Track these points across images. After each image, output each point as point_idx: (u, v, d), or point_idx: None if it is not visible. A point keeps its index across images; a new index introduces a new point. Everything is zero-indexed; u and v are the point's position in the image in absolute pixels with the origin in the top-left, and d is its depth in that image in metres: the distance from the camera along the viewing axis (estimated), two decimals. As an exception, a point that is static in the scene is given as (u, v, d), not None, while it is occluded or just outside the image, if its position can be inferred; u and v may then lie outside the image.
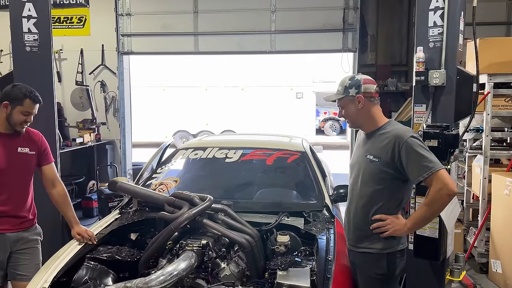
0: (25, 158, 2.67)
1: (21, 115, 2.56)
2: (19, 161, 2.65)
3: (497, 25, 6.51)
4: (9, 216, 2.63)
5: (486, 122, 4.04)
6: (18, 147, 2.65)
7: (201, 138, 4.40)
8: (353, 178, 2.37)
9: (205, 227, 2.44)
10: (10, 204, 2.63)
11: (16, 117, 2.56)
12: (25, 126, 2.64)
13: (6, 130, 2.62)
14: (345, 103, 2.29)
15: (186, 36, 6.96)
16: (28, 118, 2.60)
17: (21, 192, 2.69)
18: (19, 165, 2.65)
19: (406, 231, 2.24)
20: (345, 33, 6.71)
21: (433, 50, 2.94)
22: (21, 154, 2.65)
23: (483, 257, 4.11)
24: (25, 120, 2.59)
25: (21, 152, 2.65)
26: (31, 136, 2.74)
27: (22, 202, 2.70)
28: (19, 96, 2.55)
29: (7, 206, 2.61)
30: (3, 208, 2.60)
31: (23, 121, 2.59)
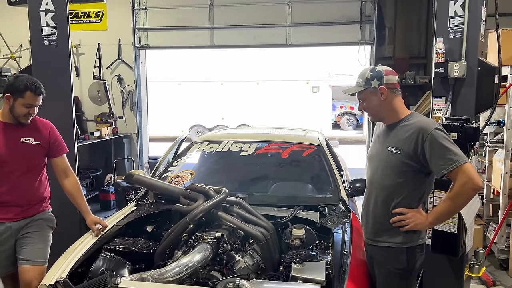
0: (28, 148, 2.64)
1: (23, 107, 2.54)
2: (22, 151, 2.63)
3: (520, 16, 6.31)
4: (12, 206, 2.64)
5: (508, 116, 3.93)
6: (22, 137, 2.62)
7: (216, 132, 4.40)
8: (372, 170, 2.32)
9: (220, 219, 2.45)
10: (13, 194, 2.62)
11: (19, 109, 2.55)
12: (29, 118, 2.62)
13: (10, 120, 2.62)
14: (367, 96, 2.23)
15: (202, 30, 6.96)
16: (31, 110, 2.58)
17: (26, 182, 2.67)
18: (22, 155, 2.63)
19: (427, 226, 2.21)
20: (362, 25, 6.62)
21: (453, 41, 2.86)
22: (24, 144, 2.63)
23: (503, 253, 4.03)
24: (28, 112, 2.57)
25: (24, 142, 2.63)
26: (38, 127, 2.72)
27: (27, 192, 2.68)
28: (20, 88, 2.52)
29: (10, 195, 2.62)
30: (6, 198, 2.61)
31: (26, 113, 2.57)
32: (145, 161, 7.28)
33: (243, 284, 1.88)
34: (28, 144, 2.65)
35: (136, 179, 3.00)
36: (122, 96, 7.12)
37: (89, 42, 7.07)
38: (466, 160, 2.05)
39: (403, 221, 2.17)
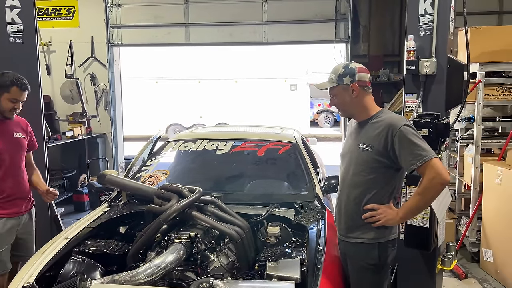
0: (20, 142, 2.81)
1: (9, 102, 2.66)
2: (16, 145, 2.78)
3: (489, 15, 6.50)
4: (18, 199, 2.79)
5: (477, 112, 4.03)
6: (13, 132, 2.78)
7: (192, 130, 4.37)
8: (344, 167, 2.34)
9: (194, 219, 2.42)
10: (17, 187, 2.79)
11: (5, 104, 2.66)
12: (14, 113, 2.75)
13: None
14: (338, 92, 2.24)
15: (177, 27, 6.88)
16: (16, 105, 2.70)
17: (23, 176, 2.85)
18: (18, 149, 2.79)
19: (398, 221, 2.23)
20: (337, 23, 6.67)
21: (424, 39, 2.91)
22: (17, 138, 2.80)
23: (475, 246, 4.13)
24: (13, 107, 2.69)
25: (16, 136, 2.79)
26: (20, 122, 2.88)
27: (25, 185, 2.87)
28: (6, 83, 2.64)
29: (15, 189, 2.77)
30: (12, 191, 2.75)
31: (12, 108, 2.70)
32: (120, 161, 7.15)
33: (217, 284, 1.86)
34: (20, 138, 2.82)
35: (108, 180, 2.94)
36: (96, 95, 6.97)
37: (61, 39, 6.88)
38: (434, 155, 2.08)
39: (374, 217, 2.19)
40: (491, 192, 3.85)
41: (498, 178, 3.70)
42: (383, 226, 2.21)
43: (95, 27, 6.91)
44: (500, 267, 3.73)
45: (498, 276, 3.75)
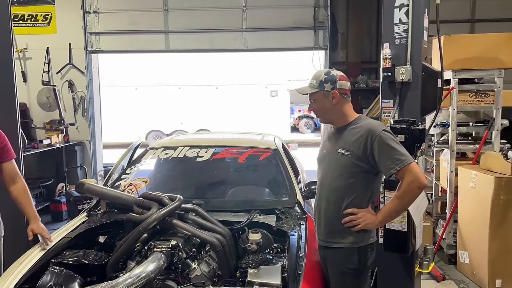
0: None
1: None
2: None
3: (461, 23, 6.71)
4: None
5: (452, 117, 4.14)
6: None
7: (172, 137, 4.34)
8: (322, 172, 2.36)
9: (175, 227, 2.41)
10: None
11: None
12: None
13: None
14: (319, 98, 2.28)
15: (156, 34, 6.86)
16: None
17: None
18: None
19: (377, 224, 2.27)
20: (316, 31, 6.77)
21: (399, 47, 2.98)
22: None
23: (452, 248, 4.23)
24: None
25: None
26: None
27: None
28: None
29: None
30: None
31: None
32: (99, 169, 7.05)
33: (198, 292, 1.86)
34: None
35: (87, 188, 2.90)
36: (74, 102, 6.87)
37: (37, 46, 6.77)
38: (412, 160, 2.14)
39: (354, 221, 2.22)
40: (466, 195, 3.96)
41: (472, 181, 3.81)
42: (362, 230, 2.24)
43: (72, 34, 6.83)
44: (475, 269, 3.83)
45: (474, 278, 3.84)
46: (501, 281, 3.61)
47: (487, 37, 4.09)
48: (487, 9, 6.72)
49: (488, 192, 3.56)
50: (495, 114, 4.10)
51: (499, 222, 3.56)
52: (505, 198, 3.52)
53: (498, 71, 4.02)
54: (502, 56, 3.97)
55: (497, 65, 4.00)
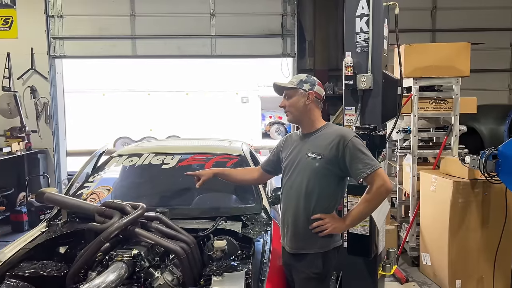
0: None
1: None
2: None
3: (423, 32, 6.97)
4: None
5: (413, 123, 4.28)
6: None
7: (137, 144, 4.27)
8: (290, 178, 2.38)
9: (138, 236, 2.37)
10: None
11: None
12: None
13: None
14: (295, 94, 2.33)
15: (123, 40, 6.77)
16: None
17: None
18: None
19: (345, 228, 2.32)
20: (284, 38, 6.86)
21: (361, 55, 3.07)
22: None
23: (414, 251, 4.34)
24: None
25: None
26: None
27: None
28: None
29: None
30: None
31: None
32: (63, 178, 6.84)
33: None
34: None
35: (47, 198, 2.80)
36: (36, 109, 6.66)
37: (-3, 50, 6.55)
38: (380, 166, 2.22)
39: (322, 226, 2.25)
40: (427, 199, 4.09)
41: (433, 185, 3.94)
42: (328, 235, 2.27)
43: (35, 38, 6.64)
44: (437, 270, 3.95)
45: (436, 279, 3.96)
46: (460, 282, 3.73)
47: (445, 47, 4.26)
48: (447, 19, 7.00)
49: (447, 196, 3.69)
50: (454, 120, 4.27)
51: (457, 225, 3.69)
52: (463, 201, 3.66)
53: (456, 79, 4.19)
54: (459, 65, 4.15)
55: (454, 73, 4.17)
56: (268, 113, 17.49)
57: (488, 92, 6.56)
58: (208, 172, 2.66)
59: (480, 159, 3.27)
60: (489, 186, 3.60)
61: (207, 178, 2.62)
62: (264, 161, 2.68)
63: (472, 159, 3.41)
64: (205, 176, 2.62)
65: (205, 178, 2.61)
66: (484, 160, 3.23)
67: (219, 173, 2.69)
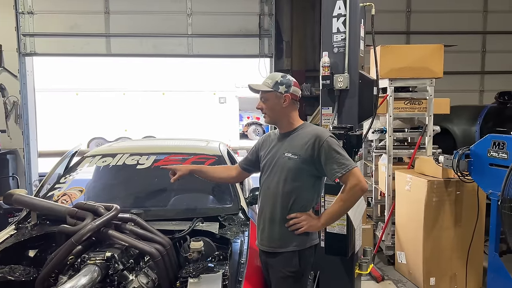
0: None
1: None
2: None
3: (398, 34, 7.10)
4: None
5: (388, 124, 4.33)
6: None
7: (111, 144, 4.17)
8: (268, 177, 2.37)
9: (111, 238, 2.31)
10: None
11: None
12: None
13: None
14: (271, 97, 2.31)
15: (97, 38, 6.62)
16: None
17: None
18: None
19: (320, 227, 2.32)
20: (261, 38, 6.86)
21: (337, 55, 3.09)
22: None
23: (390, 249, 4.40)
24: None
25: None
26: None
27: None
28: None
29: None
30: None
31: None
32: (34, 179, 6.63)
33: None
34: None
35: (16, 199, 2.70)
36: (5, 108, 6.43)
37: (-37, 47, 6.29)
38: (355, 165, 2.23)
39: (297, 224, 2.25)
40: (402, 198, 4.15)
41: (408, 185, 4.00)
42: (304, 234, 2.27)
43: (4, 35, 6.42)
44: (412, 268, 4.01)
45: (411, 277, 4.02)
46: (434, 279, 3.80)
47: (420, 48, 4.33)
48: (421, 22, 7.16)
49: (422, 195, 3.75)
50: (428, 120, 4.35)
51: (432, 224, 3.76)
52: (437, 200, 3.72)
53: (430, 80, 4.27)
54: (433, 66, 4.23)
55: (428, 74, 4.25)
56: (246, 114, 17.47)
57: (460, 93, 6.75)
58: (184, 167, 2.59)
59: (454, 158, 3.34)
60: (462, 185, 3.68)
61: (183, 174, 2.53)
62: (243, 159, 2.65)
63: (446, 158, 3.47)
64: (181, 171, 2.53)
65: (181, 173, 2.52)
66: (457, 160, 3.30)
67: (196, 170, 2.62)
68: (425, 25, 7.12)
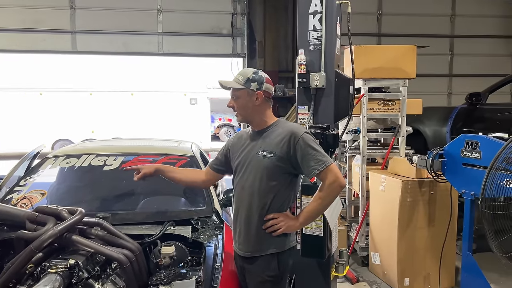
0: None
1: None
2: None
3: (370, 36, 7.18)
4: None
5: (362, 124, 4.33)
6: None
7: (76, 144, 3.96)
8: (242, 178, 2.26)
9: (75, 244, 2.16)
10: None
11: None
12: None
13: None
14: (243, 95, 2.20)
15: (62, 34, 6.36)
16: None
17: None
18: None
19: (298, 226, 2.24)
20: (234, 38, 6.79)
21: (314, 53, 3.04)
22: None
23: (364, 250, 4.39)
24: None
25: None
26: None
27: None
28: None
29: None
30: None
31: None
32: (-8, 182, 6.26)
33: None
34: None
35: (-32, 204, 2.49)
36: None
37: None
38: (332, 161, 2.17)
39: (275, 225, 2.16)
40: (377, 198, 4.14)
41: (382, 185, 4.00)
42: (282, 235, 2.19)
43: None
44: (386, 269, 4.00)
45: (385, 278, 4.02)
46: (408, 280, 3.81)
47: (393, 49, 4.35)
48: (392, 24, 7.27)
49: (396, 195, 3.75)
50: (401, 121, 4.37)
51: (406, 224, 3.76)
52: (411, 200, 3.73)
53: (403, 81, 4.30)
54: (406, 67, 4.25)
55: (401, 75, 4.27)
56: (217, 115, 17.33)
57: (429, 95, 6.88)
58: (150, 166, 2.45)
59: (427, 158, 3.35)
60: (435, 185, 3.70)
61: (147, 172, 2.40)
62: (213, 160, 2.53)
63: (420, 159, 3.48)
64: (145, 169, 2.40)
65: (146, 171, 2.39)
66: (431, 160, 3.31)
67: (161, 169, 2.47)
68: (396, 28, 7.24)
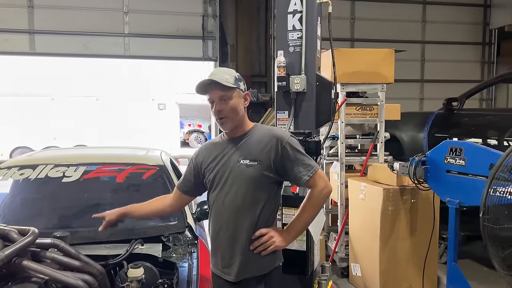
0: None
1: None
2: None
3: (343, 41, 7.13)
4: None
5: (340, 130, 4.19)
6: None
7: (32, 154, 3.61)
8: (219, 192, 2.00)
9: (27, 270, 1.90)
10: None
11: None
12: None
13: None
14: (234, 96, 1.95)
15: (19, 34, 5.93)
16: None
17: None
18: None
19: (291, 240, 2.02)
20: (205, 41, 6.58)
21: (293, 55, 2.87)
22: None
23: (344, 261, 4.23)
24: None
25: None
26: None
27: None
28: None
29: None
30: None
31: None
32: None
33: None
34: None
35: None
36: None
37: None
38: (318, 166, 2.02)
39: (266, 243, 1.93)
40: (356, 207, 4.00)
41: (362, 193, 3.86)
42: (271, 253, 1.96)
43: None
44: (367, 281, 3.85)
45: (366, 289, 3.87)
46: (391, 291, 3.67)
47: (372, 53, 4.25)
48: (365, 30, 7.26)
49: (377, 204, 3.61)
50: (379, 127, 4.26)
51: (387, 234, 3.63)
52: (393, 209, 3.61)
53: (381, 86, 4.20)
54: (384, 71, 4.16)
55: (380, 79, 4.17)
56: (186, 121, 16.96)
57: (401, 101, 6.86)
58: (112, 211, 2.16)
59: (410, 165, 3.22)
60: (417, 193, 3.59)
61: (111, 220, 2.12)
62: (180, 181, 2.22)
63: (402, 166, 3.35)
64: (109, 215, 2.13)
65: (109, 218, 2.12)
66: (414, 167, 3.19)
67: (126, 212, 2.18)
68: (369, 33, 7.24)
